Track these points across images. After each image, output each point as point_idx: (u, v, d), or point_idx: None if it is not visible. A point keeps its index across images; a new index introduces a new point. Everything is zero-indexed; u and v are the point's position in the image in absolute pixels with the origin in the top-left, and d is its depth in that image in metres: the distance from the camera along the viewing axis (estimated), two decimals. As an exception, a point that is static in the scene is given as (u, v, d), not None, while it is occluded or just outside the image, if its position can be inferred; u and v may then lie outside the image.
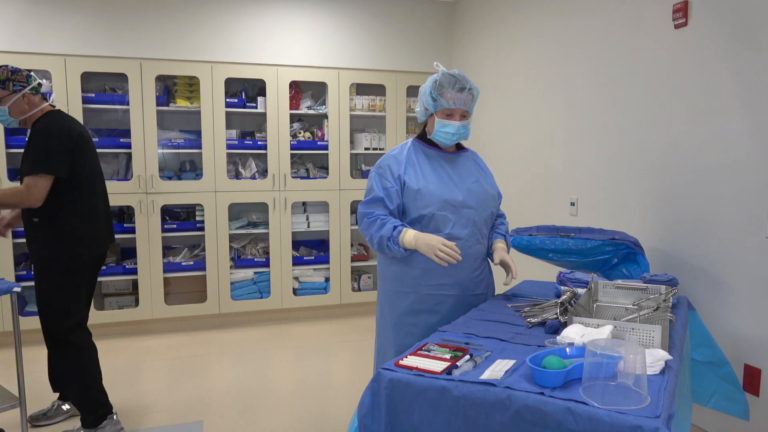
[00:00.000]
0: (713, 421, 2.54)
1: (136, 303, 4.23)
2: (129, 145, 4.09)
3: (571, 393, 1.26)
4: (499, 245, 2.20)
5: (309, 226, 4.64)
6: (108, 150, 4.10)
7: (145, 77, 4.05)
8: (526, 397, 1.27)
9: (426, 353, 1.54)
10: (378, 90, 4.75)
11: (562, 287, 2.15)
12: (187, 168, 4.46)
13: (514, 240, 2.66)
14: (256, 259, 4.50)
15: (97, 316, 4.00)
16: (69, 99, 3.90)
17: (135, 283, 4.25)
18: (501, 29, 4.17)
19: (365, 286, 4.85)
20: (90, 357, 2.62)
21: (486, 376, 1.37)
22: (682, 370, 1.62)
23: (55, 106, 2.63)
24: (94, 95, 4.08)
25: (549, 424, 1.24)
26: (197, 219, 4.39)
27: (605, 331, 1.51)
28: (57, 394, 2.89)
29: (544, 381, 1.30)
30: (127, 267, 4.20)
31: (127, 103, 4.06)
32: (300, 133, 4.56)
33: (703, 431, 2.59)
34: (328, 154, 4.56)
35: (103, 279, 4.22)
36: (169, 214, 4.46)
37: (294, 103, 4.51)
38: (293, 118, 4.61)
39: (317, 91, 4.71)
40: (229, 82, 4.39)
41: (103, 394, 2.64)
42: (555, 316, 1.80)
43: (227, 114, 4.32)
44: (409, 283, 2.09)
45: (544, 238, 2.61)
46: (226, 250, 4.36)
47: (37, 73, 3.98)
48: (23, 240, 3.71)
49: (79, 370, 2.57)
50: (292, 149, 4.47)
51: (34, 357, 3.49)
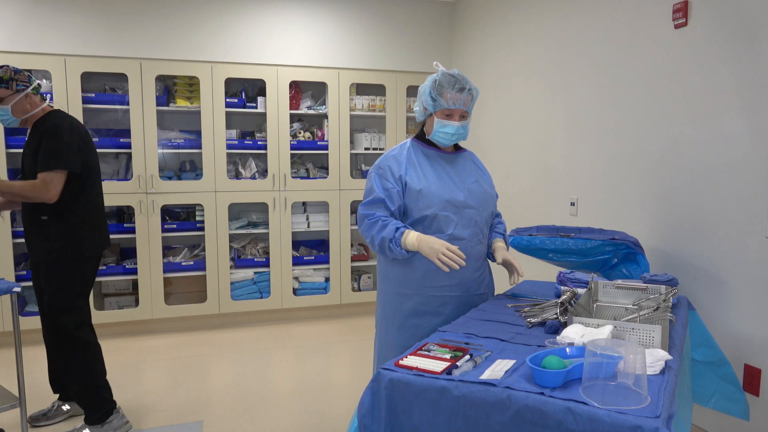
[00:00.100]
0: (713, 421, 2.54)
1: (136, 303, 4.23)
2: (129, 145, 4.09)
3: (571, 393, 1.27)
4: (500, 244, 2.20)
5: (309, 226, 4.64)
6: (108, 150, 4.10)
7: (145, 77, 4.05)
8: (526, 397, 1.27)
9: (426, 353, 1.54)
10: (378, 90, 4.75)
11: (562, 287, 2.15)
12: (187, 168, 4.46)
13: (514, 240, 2.66)
14: (256, 259, 4.50)
15: (97, 316, 3.99)
16: (69, 99, 3.90)
17: (135, 283, 4.25)
18: (501, 29, 4.17)
19: (365, 286, 4.85)
20: (96, 353, 2.66)
21: (486, 376, 1.37)
22: (682, 370, 1.62)
23: (53, 106, 2.66)
24: (94, 95, 4.08)
25: (549, 424, 1.24)
26: (197, 219, 4.39)
27: (605, 331, 1.51)
28: (57, 395, 2.89)
29: (544, 381, 1.30)
30: (127, 267, 4.20)
31: (127, 103, 4.07)
32: (300, 133, 4.56)
33: (703, 431, 2.59)
34: (328, 154, 4.56)
35: (103, 279, 4.22)
36: (169, 214, 4.46)
37: (294, 103, 4.51)
38: (293, 118, 4.61)
39: (317, 91, 4.71)
40: (229, 82, 4.39)
41: (108, 390, 2.69)
42: (555, 316, 1.80)
43: (227, 114, 4.33)
44: (412, 284, 2.07)
45: (544, 238, 2.61)
46: (226, 250, 4.36)
47: (37, 73, 4.03)
48: (23, 240, 3.71)
49: (85, 366, 2.61)
50: (292, 149, 4.47)
51: (34, 357, 3.49)
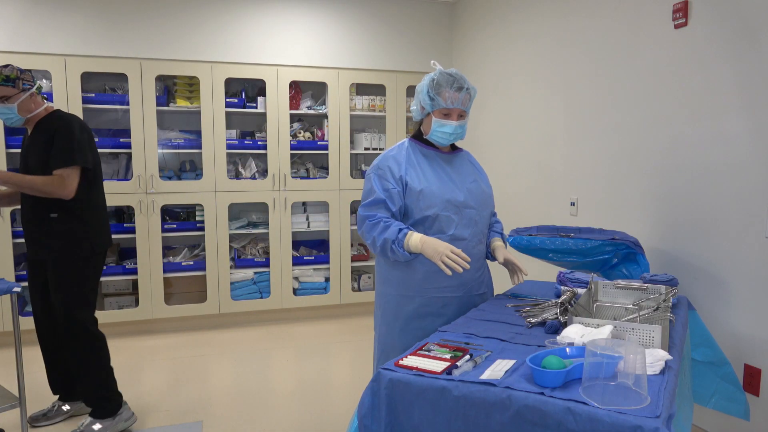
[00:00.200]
0: (713, 421, 2.54)
1: (136, 303, 4.23)
2: (129, 145, 4.09)
3: (571, 393, 1.26)
4: (499, 243, 2.20)
5: (309, 226, 4.64)
6: (108, 150, 4.10)
7: (145, 77, 4.05)
8: (526, 397, 1.27)
9: (426, 353, 1.54)
10: (378, 90, 4.75)
11: (562, 287, 2.15)
12: (187, 168, 4.46)
13: (514, 240, 2.66)
14: (256, 259, 4.50)
15: (97, 316, 3.99)
16: (69, 99, 3.90)
17: (135, 283, 4.25)
18: (501, 29, 4.17)
19: (365, 286, 4.85)
20: (106, 346, 2.73)
21: (486, 376, 1.37)
22: (682, 370, 1.62)
23: (53, 107, 2.68)
24: (94, 95, 4.08)
25: (549, 424, 1.24)
26: (197, 219, 4.39)
27: (605, 331, 1.51)
28: (57, 395, 2.88)
29: (544, 381, 1.30)
30: (127, 267, 4.20)
31: (127, 103, 4.07)
32: (300, 133, 4.56)
33: (703, 431, 2.59)
34: (328, 154, 4.56)
35: (103, 279, 4.21)
36: (169, 214, 4.47)
37: (294, 103, 4.51)
38: (293, 118, 4.61)
39: (317, 91, 4.71)
40: (229, 82, 4.39)
41: (116, 383, 2.76)
42: (555, 316, 1.80)
43: (227, 114, 4.32)
44: (414, 286, 2.05)
45: (544, 238, 2.61)
46: (226, 250, 4.36)
47: (37, 73, 4.02)
48: (23, 240, 3.71)
49: (100, 360, 2.68)
50: (292, 149, 4.47)
51: (34, 357, 3.48)
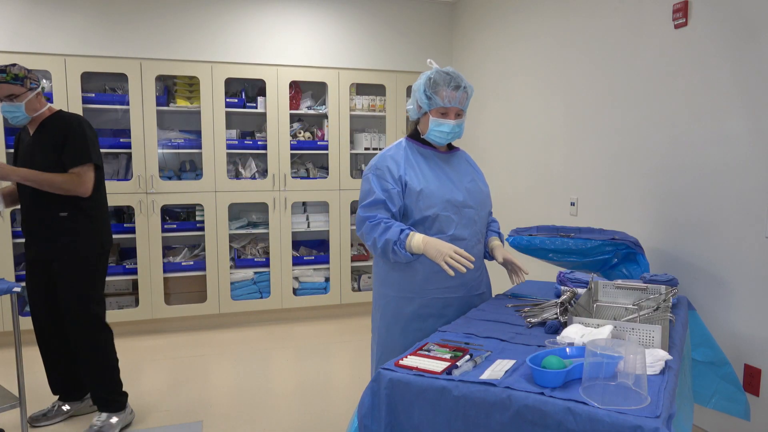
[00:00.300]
0: (714, 421, 2.54)
1: (136, 303, 4.23)
2: (129, 145, 4.09)
3: (571, 393, 1.26)
4: (497, 243, 2.19)
5: (309, 226, 4.64)
6: (108, 150, 4.10)
7: (145, 77, 4.05)
8: (526, 397, 1.27)
9: (426, 353, 1.54)
10: (378, 90, 4.75)
11: (562, 287, 2.15)
12: (187, 168, 4.46)
13: (514, 240, 2.66)
14: (256, 259, 4.50)
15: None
16: (69, 99, 3.90)
17: (135, 283, 4.25)
18: (501, 29, 4.17)
19: (365, 286, 4.85)
20: (113, 341, 2.80)
21: (486, 376, 1.37)
22: (682, 370, 1.62)
23: (54, 107, 2.71)
24: (94, 95, 4.08)
25: (549, 424, 1.24)
26: (197, 219, 4.39)
27: (605, 331, 1.51)
28: (57, 395, 2.88)
29: (544, 381, 1.30)
30: (127, 267, 4.20)
31: (127, 103, 4.07)
32: (300, 133, 4.56)
33: (703, 431, 2.59)
34: (328, 154, 4.56)
35: (103, 279, 4.22)
36: (169, 214, 4.46)
37: (294, 103, 4.51)
38: (293, 118, 4.61)
39: (317, 91, 4.71)
40: (229, 82, 4.39)
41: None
42: (555, 316, 1.80)
43: (227, 114, 4.32)
44: (415, 288, 2.02)
45: (544, 238, 2.61)
46: (226, 250, 4.36)
47: (37, 73, 4.01)
48: (23, 240, 3.71)
49: (112, 354, 2.76)
50: (292, 149, 4.47)
51: (34, 357, 3.48)
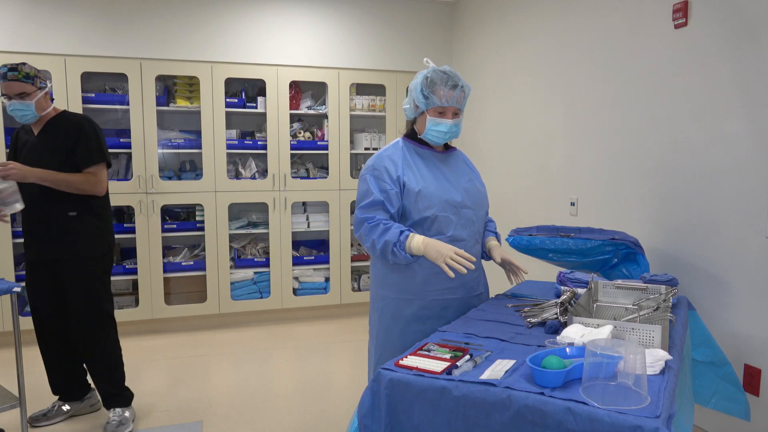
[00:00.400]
0: (714, 421, 2.54)
1: (136, 303, 4.23)
2: (129, 145, 4.09)
3: (571, 393, 1.26)
4: (494, 243, 2.18)
5: (309, 226, 4.64)
6: (108, 150, 4.09)
7: (145, 77, 4.05)
8: (526, 397, 1.27)
9: (426, 353, 1.54)
10: (378, 90, 4.75)
11: (562, 287, 2.15)
12: (187, 168, 4.46)
13: (514, 240, 2.66)
14: (256, 259, 4.50)
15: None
16: (69, 99, 3.90)
17: (135, 283, 4.25)
18: (501, 29, 4.17)
19: (365, 286, 4.85)
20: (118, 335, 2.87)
21: (486, 376, 1.37)
22: (682, 370, 1.62)
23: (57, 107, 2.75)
24: (94, 95, 4.08)
25: (549, 424, 1.24)
26: (197, 219, 4.39)
27: (605, 331, 1.51)
28: (57, 395, 2.88)
29: (544, 381, 1.30)
30: (127, 267, 4.20)
31: (127, 103, 4.07)
32: (300, 133, 4.56)
33: (703, 431, 2.59)
34: (328, 154, 4.56)
35: (103, 279, 4.22)
36: (169, 214, 4.46)
37: (294, 103, 4.51)
38: (293, 118, 4.61)
39: (317, 91, 4.71)
40: (229, 82, 4.39)
41: None
42: (555, 316, 1.80)
43: (227, 114, 4.32)
44: (414, 290, 2.00)
45: (544, 238, 2.60)
46: (226, 250, 4.36)
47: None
48: (22, 240, 3.70)
49: (119, 349, 2.82)
50: (292, 149, 4.47)
51: (34, 357, 3.48)
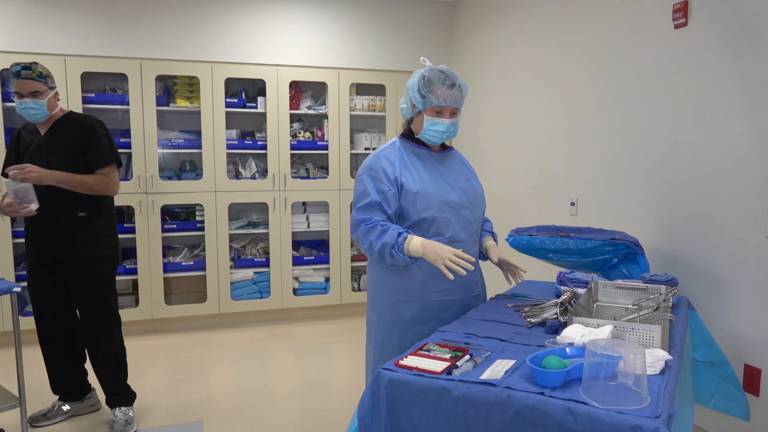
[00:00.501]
0: (713, 421, 2.54)
1: (136, 303, 4.23)
2: (129, 145, 4.09)
3: (571, 393, 1.26)
4: (491, 243, 2.17)
5: (309, 226, 4.64)
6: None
7: (145, 77, 4.05)
8: (526, 397, 1.27)
9: (426, 353, 1.54)
10: (378, 90, 4.75)
11: (562, 287, 2.15)
12: (187, 168, 4.46)
13: (514, 240, 2.66)
14: (256, 259, 4.50)
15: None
16: (69, 99, 3.90)
17: (135, 283, 4.25)
18: (501, 29, 4.17)
19: (365, 286, 4.85)
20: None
21: (486, 376, 1.37)
22: (683, 370, 1.62)
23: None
24: (94, 95, 4.08)
25: (549, 424, 1.24)
26: (197, 219, 4.39)
27: (605, 331, 1.51)
28: (57, 395, 2.88)
29: (544, 381, 1.30)
30: (127, 267, 4.20)
31: (127, 103, 4.07)
32: (300, 133, 4.56)
33: (703, 431, 2.59)
34: (328, 154, 4.56)
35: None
36: (169, 214, 4.46)
37: (294, 103, 4.51)
38: (293, 118, 4.61)
39: (317, 91, 4.71)
40: (229, 82, 4.39)
41: None
42: (555, 316, 1.80)
43: (227, 114, 4.32)
44: (413, 291, 1.99)
45: (544, 238, 2.60)
46: (226, 250, 4.36)
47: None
48: (23, 240, 3.70)
49: (124, 348, 2.83)
50: (292, 149, 4.47)
51: (34, 357, 3.48)
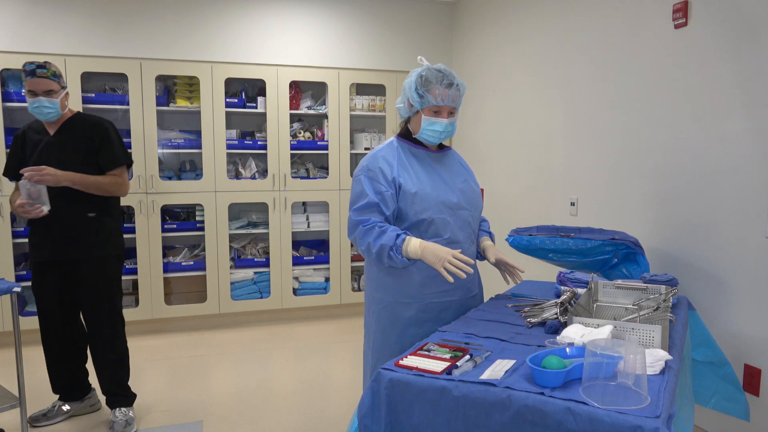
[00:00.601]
0: (713, 421, 2.54)
1: (136, 303, 4.23)
2: (129, 145, 4.07)
3: (571, 393, 1.26)
4: (488, 243, 2.17)
5: (309, 226, 4.64)
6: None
7: (145, 77, 4.05)
8: (526, 397, 1.27)
9: (426, 353, 1.54)
10: (378, 90, 4.75)
11: (562, 287, 2.15)
12: (187, 168, 4.46)
13: (514, 240, 2.66)
14: (256, 259, 4.50)
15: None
16: (69, 99, 3.89)
17: (135, 283, 4.25)
18: (501, 29, 4.17)
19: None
20: None
21: (486, 376, 1.37)
22: (683, 370, 1.62)
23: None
24: (94, 95, 4.08)
25: (549, 424, 1.24)
26: (197, 219, 4.39)
27: (605, 331, 1.51)
28: (57, 395, 2.88)
29: (544, 381, 1.30)
30: (127, 267, 4.19)
31: (127, 103, 4.07)
32: (300, 133, 4.56)
33: (703, 431, 2.59)
34: (328, 154, 4.56)
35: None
36: (169, 214, 4.46)
37: (294, 103, 4.51)
38: (293, 118, 4.61)
39: (317, 91, 4.71)
40: (229, 82, 4.39)
41: None
42: (555, 316, 1.80)
43: (227, 114, 4.32)
44: (412, 293, 1.98)
45: (544, 238, 2.60)
46: (226, 250, 4.36)
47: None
48: (23, 240, 3.70)
49: (127, 349, 2.85)
50: (292, 149, 4.47)
51: (34, 357, 3.48)
